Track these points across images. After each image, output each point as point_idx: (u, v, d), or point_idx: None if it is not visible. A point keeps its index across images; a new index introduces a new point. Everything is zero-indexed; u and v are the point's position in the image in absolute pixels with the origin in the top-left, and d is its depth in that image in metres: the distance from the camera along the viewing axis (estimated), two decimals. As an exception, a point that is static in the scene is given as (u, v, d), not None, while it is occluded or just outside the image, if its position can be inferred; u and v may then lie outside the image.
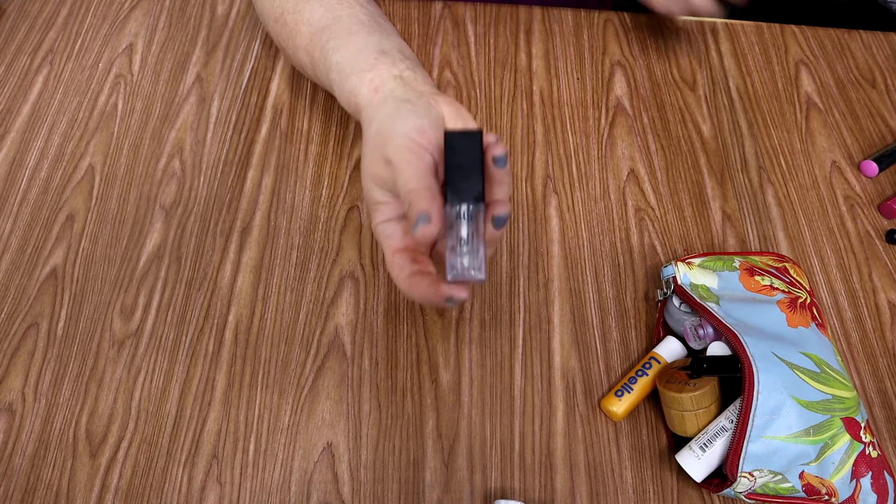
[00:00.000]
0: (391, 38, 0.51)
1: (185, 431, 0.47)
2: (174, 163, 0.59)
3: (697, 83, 0.69)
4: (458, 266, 0.38)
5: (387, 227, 0.43)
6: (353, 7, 0.52)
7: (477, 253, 0.38)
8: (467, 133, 0.39)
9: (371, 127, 0.44)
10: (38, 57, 0.65)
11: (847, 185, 0.63)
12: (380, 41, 0.49)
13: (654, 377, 0.49)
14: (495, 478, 0.47)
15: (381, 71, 0.47)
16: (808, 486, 0.43)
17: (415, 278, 0.41)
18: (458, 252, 0.38)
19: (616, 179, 0.61)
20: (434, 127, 0.42)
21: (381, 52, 0.48)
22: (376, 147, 0.42)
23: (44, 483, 0.45)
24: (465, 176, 0.39)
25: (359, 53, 0.48)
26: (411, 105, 0.43)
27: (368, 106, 0.46)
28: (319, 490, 0.46)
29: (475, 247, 0.38)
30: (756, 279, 0.50)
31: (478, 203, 0.39)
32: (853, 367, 0.54)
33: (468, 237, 0.38)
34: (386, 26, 0.53)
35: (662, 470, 0.48)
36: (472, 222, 0.39)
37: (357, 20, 0.51)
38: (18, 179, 0.58)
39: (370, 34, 0.50)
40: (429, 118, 0.42)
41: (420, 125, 0.42)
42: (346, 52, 0.49)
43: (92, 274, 0.53)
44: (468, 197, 0.38)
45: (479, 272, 0.38)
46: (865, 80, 0.71)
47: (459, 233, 0.38)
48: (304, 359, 0.51)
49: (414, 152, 0.40)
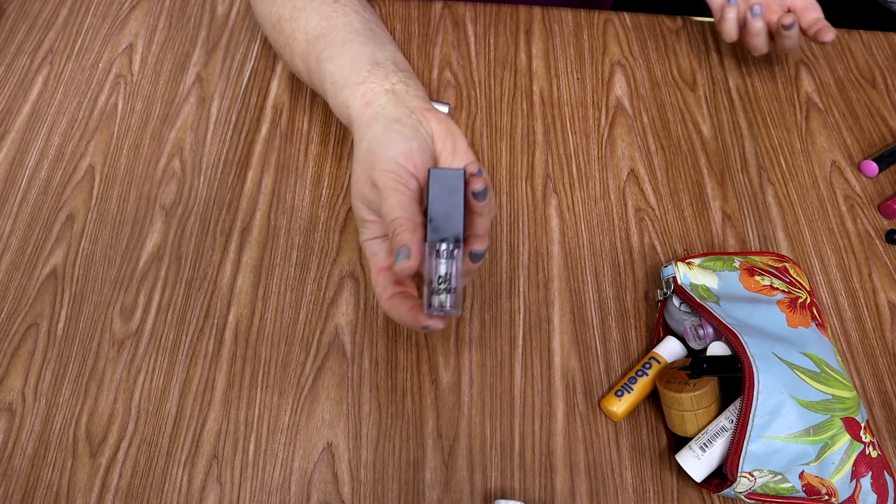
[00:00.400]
0: (386, 47, 0.51)
1: (185, 431, 0.47)
2: (174, 163, 0.59)
3: (697, 83, 0.69)
4: (436, 303, 0.40)
5: (373, 244, 0.44)
6: (348, 15, 0.52)
7: (454, 291, 0.40)
8: (451, 172, 0.40)
9: (361, 145, 0.44)
10: (38, 57, 0.65)
11: (847, 185, 0.63)
12: (374, 51, 0.49)
13: (654, 377, 0.49)
14: (495, 478, 0.47)
15: (373, 84, 0.47)
16: (808, 486, 0.43)
17: (396, 300, 0.42)
18: (436, 290, 0.39)
19: (616, 179, 0.61)
20: (422, 150, 0.43)
21: (374, 64, 0.48)
22: (365, 168, 0.43)
23: (44, 483, 0.45)
24: (447, 215, 0.40)
25: (352, 65, 0.48)
26: (400, 125, 0.44)
27: (359, 120, 0.46)
28: (319, 490, 0.46)
29: (452, 285, 0.39)
30: (756, 279, 0.50)
31: (457, 242, 0.40)
32: (853, 367, 0.54)
33: (445, 275, 0.39)
34: (381, 34, 0.53)
35: (662, 470, 0.48)
36: (451, 261, 0.40)
37: (352, 29, 0.51)
38: (18, 179, 0.58)
39: (364, 44, 0.50)
40: (417, 140, 0.43)
41: (408, 149, 0.42)
42: (340, 63, 0.49)
43: (92, 274, 0.53)
44: (447, 236, 0.39)
45: (455, 308, 0.40)
46: (865, 80, 0.71)
47: (438, 271, 0.39)
48: (304, 359, 0.51)
49: (400, 179, 0.41)
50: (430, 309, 0.40)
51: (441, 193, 0.40)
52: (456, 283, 0.40)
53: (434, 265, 0.40)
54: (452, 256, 0.39)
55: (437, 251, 0.39)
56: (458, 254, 0.40)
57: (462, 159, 0.45)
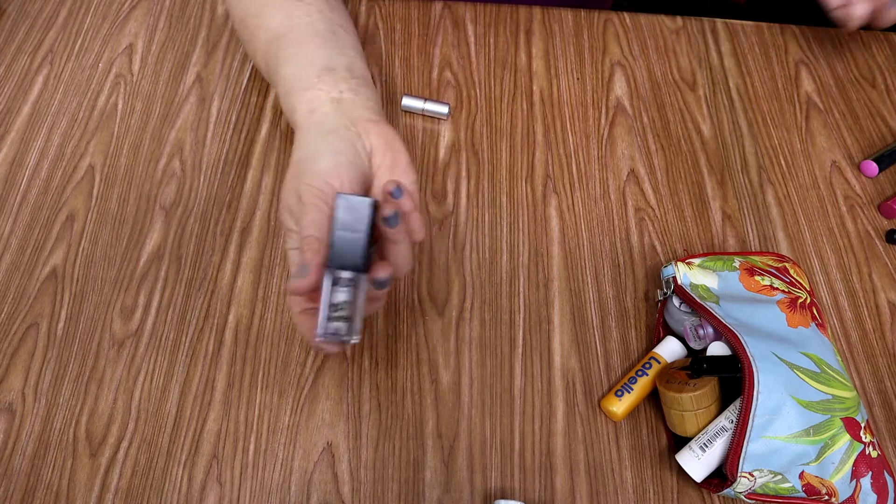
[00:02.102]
0: (345, 51, 0.49)
1: (185, 431, 0.47)
2: (174, 163, 0.59)
3: (697, 83, 0.69)
4: (330, 329, 0.38)
5: (294, 254, 0.43)
6: (311, 15, 0.51)
7: (350, 320, 0.39)
8: (358, 200, 0.39)
9: (295, 154, 0.43)
10: (38, 57, 0.65)
11: (847, 185, 0.63)
12: (330, 56, 0.48)
13: (654, 377, 0.49)
14: (495, 478, 0.47)
15: (320, 91, 0.46)
16: (808, 486, 0.43)
17: (304, 315, 0.42)
18: (330, 317, 0.38)
19: (616, 179, 0.61)
20: (350, 166, 0.42)
21: (326, 70, 0.47)
22: (293, 178, 0.42)
23: (44, 483, 0.45)
24: (350, 243, 0.38)
25: (305, 69, 0.47)
26: (335, 138, 0.42)
27: (300, 128, 0.45)
28: (319, 490, 0.46)
29: (347, 313, 0.39)
30: (756, 279, 0.50)
31: (359, 274, 0.39)
32: (853, 367, 0.54)
33: (341, 304, 0.38)
34: (344, 38, 0.51)
35: (662, 470, 0.48)
36: (349, 289, 0.39)
37: (312, 30, 0.50)
38: (18, 179, 0.58)
39: (320, 47, 0.49)
40: (348, 156, 0.42)
41: (335, 165, 0.41)
42: (294, 66, 0.48)
43: (92, 274, 0.53)
44: (347, 265, 0.38)
45: (349, 336, 0.39)
46: (865, 80, 0.71)
47: (334, 298, 0.38)
48: (304, 359, 0.51)
49: (321, 196, 0.40)
50: (324, 333, 0.38)
51: (347, 221, 0.38)
52: (351, 311, 0.39)
53: (331, 291, 0.38)
54: (350, 285, 0.39)
55: (335, 278, 0.38)
56: (360, 282, 0.39)
57: (401, 175, 0.43)
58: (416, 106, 0.63)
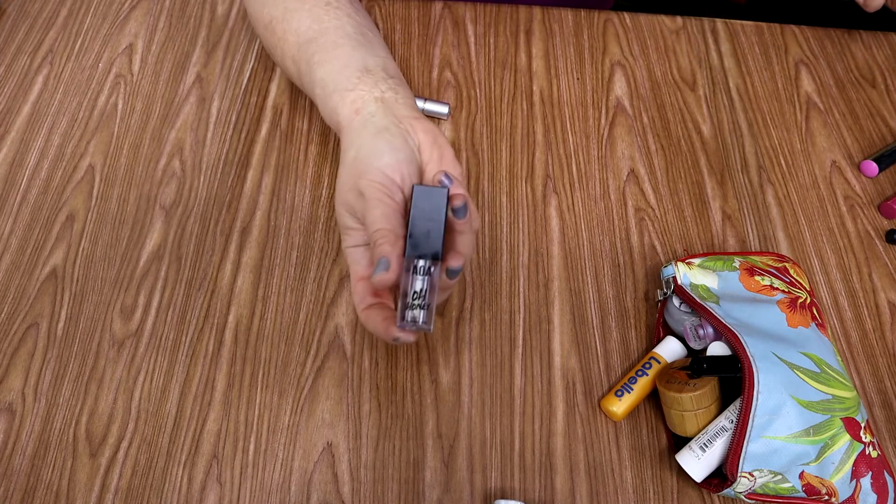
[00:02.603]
0: (377, 52, 0.51)
1: (185, 431, 0.48)
2: (174, 163, 0.59)
3: (697, 83, 0.69)
4: (409, 318, 0.40)
5: (355, 252, 0.45)
6: (340, 18, 0.52)
7: (428, 307, 0.40)
8: (434, 190, 0.40)
9: (349, 153, 0.44)
10: (38, 57, 0.65)
11: (847, 185, 0.63)
12: (364, 57, 0.49)
13: (654, 377, 0.49)
14: (495, 478, 0.47)
15: (362, 91, 0.47)
16: (808, 486, 0.43)
17: (372, 310, 0.43)
18: (410, 305, 0.40)
19: (616, 179, 0.61)
20: (409, 162, 0.43)
21: (364, 71, 0.48)
22: (351, 176, 0.43)
23: (44, 483, 0.45)
24: (427, 232, 0.40)
25: (342, 70, 0.48)
26: (389, 135, 0.44)
27: (348, 128, 0.46)
28: (319, 490, 0.46)
29: (427, 301, 0.40)
30: (756, 279, 0.50)
31: (435, 260, 0.40)
32: (853, 367, 0.54)
33: (421, 291, 0.40)
34: (373, 39, 0.52)
35: (662, 470, 0.48)
36: (427, 277, 0.40)
37: (343, 33, 0.51)
38: (18, 179, 0.58)
39: (355, 49, 0.50)
40: (405, 152, 0.43)
41: (396, 161, 0.42)
42: (331, 68, 0.49)
43: (92, 274, 0.53)
44: (426, 253, 0.40)
45: (428, 325, 0.40)
46: (865, 80, 0.71)
47: (413, 286, 0.40)
48: (304, 359, 0.51)
49: (385, 191, 0.41)
50: (402, 322, 0.40)
51: (424, 210, 0.40)
52: (430, 299, 0.40)
53: (411, 280, 0.40)
54: (429, 273, 0.40)
55: (414, 266, 0.40)
56: (434, 271, 0.40)
57: (448, 169, 0.45)
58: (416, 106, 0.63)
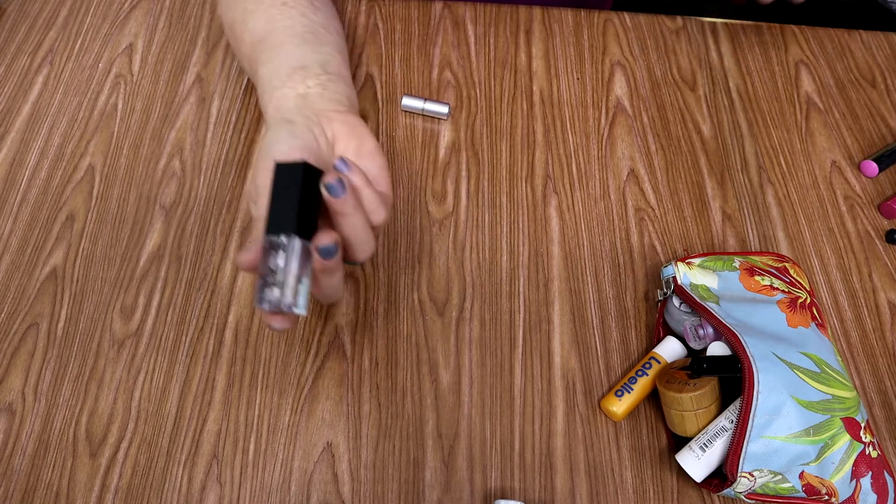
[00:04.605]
0: (321, 49, 0.50)
1: (185, 431, 0.47)
2: (174, 163, 0.59)
3: (697, 83, 0.69)
4: (268, 297, 0.37)
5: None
6: (293, 18, 0.51)
7: (291, 286, 0.37)
8: (291, 164, 0.38)
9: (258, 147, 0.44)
10: (38, 57, 0.65)
11: (847, 185, 0.63)
12: (304, 55, 0.49)
13: (654, 377, 0.49)
14: (495, 478, 0.47)
15: (287, 90, 0.46)
16: (808, 486, 0.43)
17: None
18: (265, 283, 0.37)
19: (616, 179, 0.61)
20: (304, 149, 0.42)
21: (298, 68, 0.48)
22: (253, 168, 0.43)
23: (44, 483, 0.45)
24: (285, 208, 0.38)
25: (279, 69, 0.48)
26: (290, 126, 0.43)
27: (267, 125, 0.46)
28: (319, 490, 0.46)
29: (282, 279, 0.37)
30: (756, 279, 0.50)
31: (289, 236, 0.38)
32: (853, 367, 0.54)
33: (275, 269, 0.37)
34: (324, 36, 0.51)
35: (662, 470, 0.48)
36: (289, 255, 0.37)
37: (291, 32, 0.50)
38: (18, 179, 0.58)
39: (297, 47, 0.49)
40: (302, 139, 0.42)
41: (289, 147, 0.41)
42: (271, 66, 0.49)
43: (92, 274, 0.53)
44: (280, 228, 0.38)
45: (297, 307, 0.37)
46: (865, 80, 0.71)
47: (270, 264, 0.37)
48: (304, 359, 0.51)
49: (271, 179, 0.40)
50: (260, 303, 0.37)
51: (282, 186, 0.38)
52: (285, 277, 0.37)
53: (267, 256, 0.38)
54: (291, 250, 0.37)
55: (273, 243, 0.37)
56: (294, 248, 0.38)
57: (366, 159, 0.44)
58: (416, 106, 0.63)
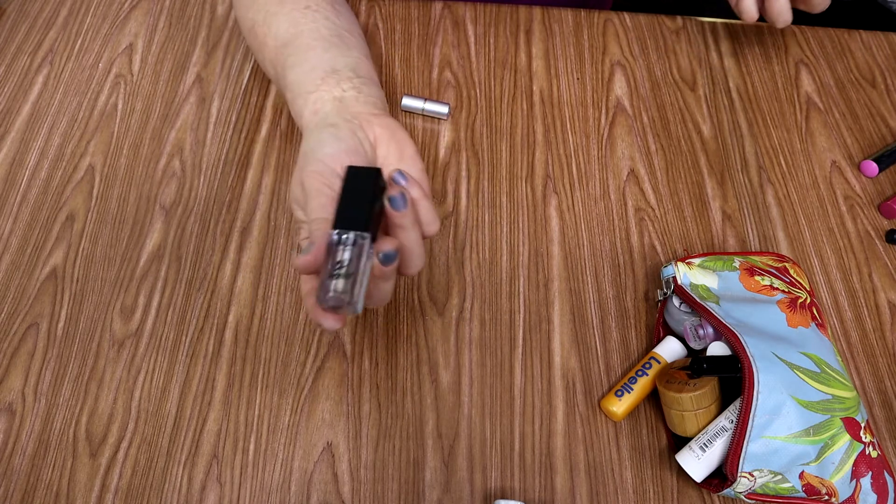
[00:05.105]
0: (350, 53, 0.50)
1: (185, 431, 0.47)
2: (174, 163, 0.59)
3: (697, 83, 0.69)
4: (331, 288, 0.37)
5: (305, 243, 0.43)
6: (317, 21, 0.52)
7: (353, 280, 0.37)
8: (365, 169, 0.39)
9: (299, 151, 0.44)
10: (38, 57, 0.65)
11: (847, 185, 0.63)
12: (334, 58, 0.49)
13: (654, 377, 0.49)
14: (495, 478, 0.47)
15: (323, 93, 0.47)
16: (808, 486, 0.43)
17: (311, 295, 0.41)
18: (330, 274, 0.37)
19: (616, 179, 0.61)
20: (352, 152, 0.42)
21: (330, 72, 0.48)
22: (298, 171, 0.43)
23: (44, 483, 0.45)
24: (354, 208, 0.39)
25: (310, 73, 0.48)
26: (334, 129, 0.43)
27: (305, 129, 0.46)
28: (319, 490, 0.46)
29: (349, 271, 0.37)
30: (756, 279, 0.50)
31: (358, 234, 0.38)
32: (853, 367, 0.54)
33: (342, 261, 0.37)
34: (350, 40, 0.52)
35: (662, 470, 0.48)
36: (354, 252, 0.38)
37: (317, 35, 0.51)
38: (18, 179, 0.58)
39: (326, 51, 0.50)
40: (348, 142, 0.42)
41: (336, 151, 0.42)
42: (300, 71, 0.49)
43: (92, 274, 0.53)
44: (350, 226, 0.38)
45: (353, 304, 0.37)
46: (865, 80, 0.71)
47: (336, 258, 0.38)
48: (304, 359, 0.51)
49: (324, 181, 0.41)
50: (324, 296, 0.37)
51: (353, 188, 0.39)
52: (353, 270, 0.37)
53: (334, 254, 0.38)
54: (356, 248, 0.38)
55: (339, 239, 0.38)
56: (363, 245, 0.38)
57: (407, 164, 0.44)
58: (416, 106, 0.63)
